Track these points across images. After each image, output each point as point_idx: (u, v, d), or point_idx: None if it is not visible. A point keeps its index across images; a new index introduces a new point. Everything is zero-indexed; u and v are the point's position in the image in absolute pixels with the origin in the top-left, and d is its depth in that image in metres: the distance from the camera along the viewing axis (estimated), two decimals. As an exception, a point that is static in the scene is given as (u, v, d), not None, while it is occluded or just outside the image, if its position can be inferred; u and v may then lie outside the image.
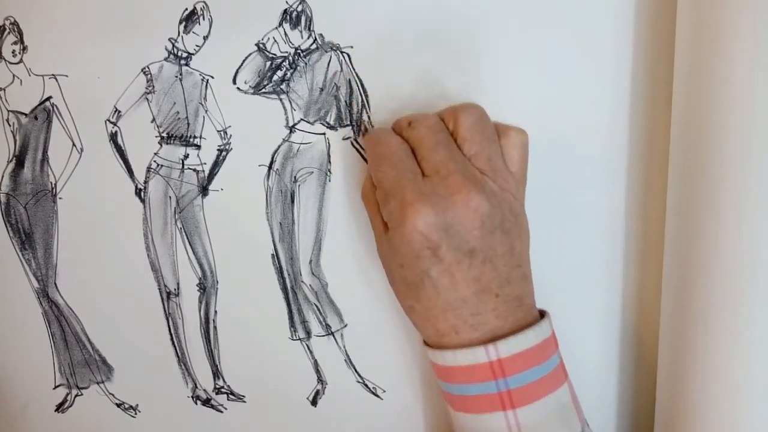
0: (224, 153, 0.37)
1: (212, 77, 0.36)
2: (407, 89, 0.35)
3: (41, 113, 0.37)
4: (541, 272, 0.33)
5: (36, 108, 0.37)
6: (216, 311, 0.40)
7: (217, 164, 0.37)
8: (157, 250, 0.39)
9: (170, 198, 0.38)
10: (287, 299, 0.39)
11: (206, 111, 0.37)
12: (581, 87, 0.35)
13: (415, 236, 0.29)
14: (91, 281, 0.40)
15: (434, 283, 0.30)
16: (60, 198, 0.39)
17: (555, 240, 0.37)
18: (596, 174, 0.37)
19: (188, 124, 0.37)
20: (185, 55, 0.36)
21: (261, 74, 0.36)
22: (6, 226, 0.39)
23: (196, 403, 0.42)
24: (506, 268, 0.30)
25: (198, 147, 0.37)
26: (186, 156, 0.37)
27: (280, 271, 0.39)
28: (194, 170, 0.38)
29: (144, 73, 0.36)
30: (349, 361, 0.40)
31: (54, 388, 0.42)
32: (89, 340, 0.41)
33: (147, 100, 0.37)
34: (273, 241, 0.38)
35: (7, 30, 0.36)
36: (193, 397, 0.42)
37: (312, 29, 0.35)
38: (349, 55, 0.35)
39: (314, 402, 0.41)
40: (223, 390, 0.41)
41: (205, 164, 0.38)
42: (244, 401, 0.42)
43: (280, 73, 0.36)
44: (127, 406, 0.43)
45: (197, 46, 0.36)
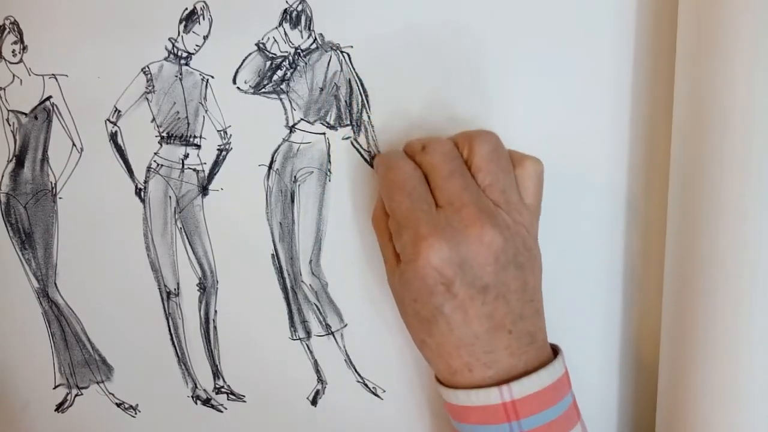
0: (224, 153, 0.37)
1: (212, 77, 0.36)
2: (407, 89, 0.35)
3: (41, 113, 0.37)
4: (543, 276, 0.33)
5: (36, 108, 0.37)
6: (216, 311, 0.40)
7: (217, 164, 0.37)
8: (157, 250, 0.39)
9: (170, 198, 0.38)
10: (287, 299, 0.39)
11: (206, 111, 0.37)
12: (582, 87, 0.35)
13: (429, 271, 0.28)
14: (91, 281, 0.40)
15: (447, 320, 0.29)
16: (60, 198, 0.39)
17: (555, 244, 0.37)
18: (596, 177, 0.37)
19: (188, 124, 0.37)
20: (185, 55, 0.36)
21: (261, 74, 0.36)
22: (6, 226, 0.39)
23: (196, 403, 0.42)
24: (519, 304, 0.30)
25: (198, 147, 0.37)
26: (186, 156, 0.37)
27: (280, 271, 0.39)
28: (194, 170, 0.38)
29: (144, 73, 0.36)
30: (349, 361, 0.40)
31: (54, 388, 0.42)
32: (89, 340, 0.41)
33: (147, 100, 0.37)
34: (273, 241, 0.38)
35: (7, 30, 0.36)
36: (193, 397, 0.42)
37: (312, 29, 0.35)
38: (349, 55, 0.35)
39: (314, 402, 0.41)
40: (223, 390, 0.41)
41: (205, 164, 0.38)
42: (244, 401, 0.42)
43: (280, 73, 0.36)
44: (127, 406, 0.43)
45: (197, 46, 0.36)
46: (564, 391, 0.31)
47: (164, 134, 0.37)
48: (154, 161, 0.38)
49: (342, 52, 0.35)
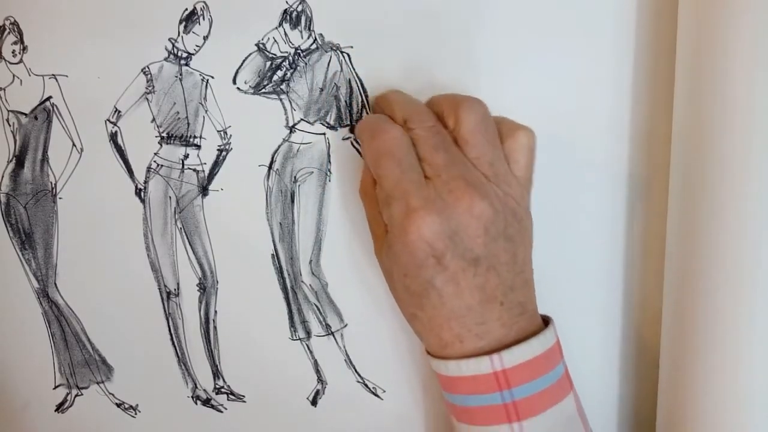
0: (224, 153, 0.37)
1: (212, 77, 0.36)
2: (408, 89, 0.35)
3: (41, 113, 0.37)
4: (543, 275, 0.33)
5: (36, 108, 0.37)
6: (216, 311, 0.40)
7: (217, 164, 0.37)
8: (157, 250, 0.39)
9: (170, 198, 0.38)
10: (287, 299, 0.39)
11: (206, 111, 0.37)
12: (582, 87, 0.35)
13: (420, 245, 0.28)
14: (91, 281, 0.40)
15: (439, 292, 0.29)
16: (60, 198, 0.39)
17: (556, 242, 0.37)
18: (597, 175, 0.37)
19: (188, 124, 0.37)
20: (185, 55, 0.36)
21: (261, 74, 0.36)
22: (6, 226, 0.39)
23: (196, 403, 0.42)
24: (510, 275, 0.30)
25: (198, 147, 0.37)
26: (186, 156, 0.37)
27: (280, 271, 0.39)
28: (194, 170, 0.38)
29: (144, 73, 0.36)
30: (349, 361, 0.40)
31: (54, 388, 0.42)
32: (89, 340, 0.41)
33: (147, 100, 0.37)
34: (273, 241, 0.38)
35: (7, 30, 0.36)
36: (193, 397, 0.42)
37: (312, 29, 0.35)
38: (349, 55, 0.35)
39: (314, 402, 0.41)
40: (223, 390, 0.41)
41: (205, 164, 0.38)
42: (244, 401, 0.42)
43: (280, 73, 0.36)
44: (127, 406, 0.43)
45: (197, 46, 0.36)
46: (556, 361, 0.31)
47: (164, 134, 0.37)
48: (154, 161, 0.38)
49: (342, 52, 0.35)
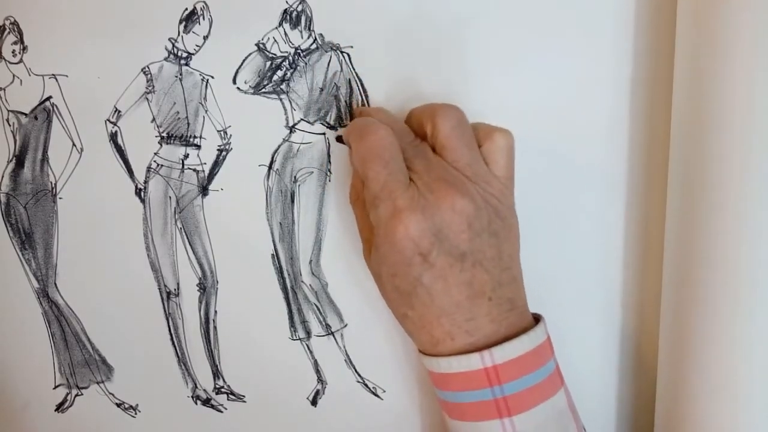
0: (224, 153, 0.37)
1: (212, 77, 0.36)
2: (407, 89, 0.35)
3: (41, 113, 0.37)
4: (541, 276, 0.33)
5: (36, 108, 0.37)
6: (216, 311, 0.40)
7: (217, 164, 0.37)
8: (157, 250, 0.39)
9: (170, 198, 0.38)
10: (287, 299, 0.39)
11: (206, 111, 0.37)
12: (581, 88, 0.35)
13: (407, 243, 0.29)
14: (91, 281, 0.40)
15: (428, 290, 0.30)
16: (60, 198, 0.39)
17: (555, 243, 0.37)
18: (595, 176, 0.37)
19: (188, 124, 0.37)
20: (185, 55, 0.36)
21: (261, 74, 0.36)
22: (6, 226, 0.39)
23: (196, 403, 0.42)
24: (497, 271, 0.30)
25: (198, 147, 0.37)
26: (186, 156, 0.37)
27: (280, 271, 0.39)
28: (194, 170, 0.38)
29: (144, 73, 0.36)
30: (349, 361, 0.40)
31: (54, 388, 0.42)
32: (89, 340, 0.41)
33: (147, 100, 0.37)
34: (273, 241, 0.38)
35: (7, 30, 0.36)
36: (193, 397, 0.42)
37: (312, 29, 0.35)
38: (349, 55, 0.35)
39: (314, 402, 0.41)
40: (223, 390, 0.41)
41: (205, 164, 0.38)
42: (244, 401, 0.42)
43: (280, 73, 0.36)
44: (127, 406, 0.43)
45: (197, 46, 0.36)
46: (546, 357, 0.31)
47: (164, 134, 0.37)
48: (154, 161, 0.38)
49: (342, 52, 0.35)
